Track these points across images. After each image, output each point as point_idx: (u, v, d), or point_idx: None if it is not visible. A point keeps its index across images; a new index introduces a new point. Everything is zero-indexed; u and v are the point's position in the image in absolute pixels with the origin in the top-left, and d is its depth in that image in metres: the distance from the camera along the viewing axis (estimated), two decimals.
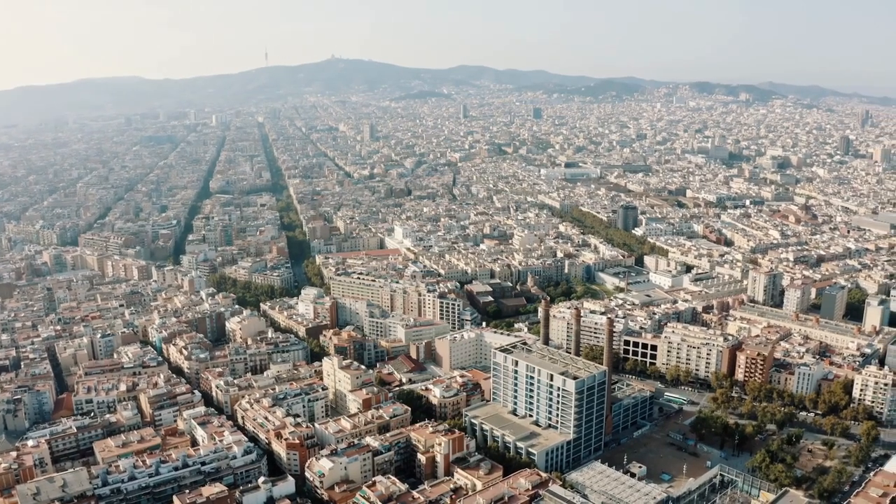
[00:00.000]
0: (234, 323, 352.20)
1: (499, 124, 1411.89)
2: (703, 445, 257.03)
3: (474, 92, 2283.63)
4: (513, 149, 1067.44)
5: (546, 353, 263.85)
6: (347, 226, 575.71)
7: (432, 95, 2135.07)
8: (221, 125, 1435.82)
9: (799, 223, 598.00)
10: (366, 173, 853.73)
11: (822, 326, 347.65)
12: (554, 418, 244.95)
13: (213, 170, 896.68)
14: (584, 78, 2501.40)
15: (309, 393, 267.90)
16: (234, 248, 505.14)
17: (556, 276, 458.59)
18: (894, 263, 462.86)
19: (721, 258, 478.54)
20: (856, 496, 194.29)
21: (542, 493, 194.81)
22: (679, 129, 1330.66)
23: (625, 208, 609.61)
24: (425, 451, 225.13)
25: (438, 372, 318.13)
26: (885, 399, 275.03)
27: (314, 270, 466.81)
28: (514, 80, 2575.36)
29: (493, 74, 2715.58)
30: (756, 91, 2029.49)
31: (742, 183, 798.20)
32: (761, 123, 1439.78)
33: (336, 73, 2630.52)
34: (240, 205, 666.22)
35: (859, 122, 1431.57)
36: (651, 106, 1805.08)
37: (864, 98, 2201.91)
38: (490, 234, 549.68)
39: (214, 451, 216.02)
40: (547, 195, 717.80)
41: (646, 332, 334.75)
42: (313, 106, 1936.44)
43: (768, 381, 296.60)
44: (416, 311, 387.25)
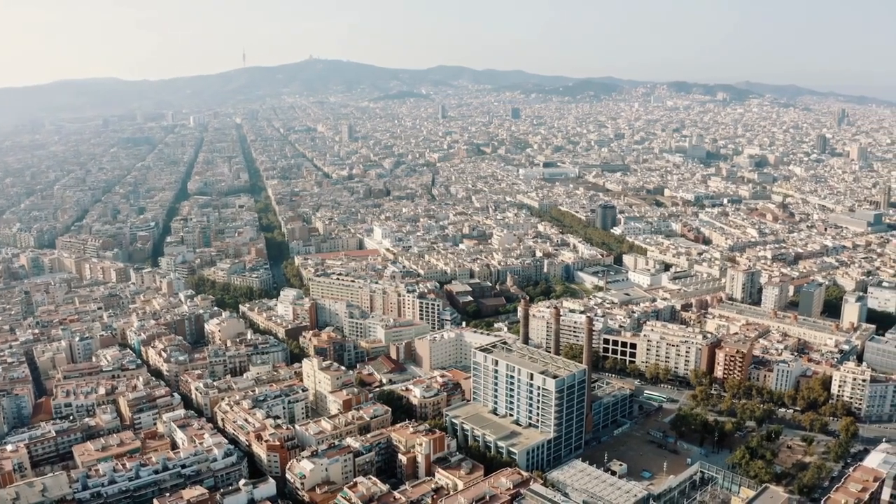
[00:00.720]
0: (213, 325, 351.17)
1: (477, 124, 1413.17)
2: (683, 443, 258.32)
3: (453, 92, 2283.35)
4: (491, 149, 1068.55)
5: (526, 353, 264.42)
6: (326, 227, 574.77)
7: (411, 96, 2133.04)
8: (199, 126, 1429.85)
9: (776, 221, 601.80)
10: (344, 174, 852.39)
11: (801, 323, 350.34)
12: (534, 417, 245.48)
13: (191, 171, 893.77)
14: (561, 78, 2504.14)
15: (289, 394, 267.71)
16: (213, 250, 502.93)
17: (536, 275, 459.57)
18: (871, 261, 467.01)
19: (699, 256, 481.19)
20: (835, 491, 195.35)
21: (524, 492, 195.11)
22: (657, 128, 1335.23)
23: (603, 207, 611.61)
24: (406, 452, 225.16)
25: (419, 372, 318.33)
26: (864, 395, 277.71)
27: (293, 271, 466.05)
28: (492, 80, 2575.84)
29: (471, 75, 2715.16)
30: (733, 90, 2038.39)
31: (720, 182, 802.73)
32: (738, 122, 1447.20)
33: (314, 74, 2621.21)
34: (218, 206, 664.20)
35: (836, 120, 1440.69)
36: (629, 106, 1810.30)
37: (840, 97, 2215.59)
38: (469, 234, 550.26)
39: (194, 454, 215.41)
40: (525, 195, 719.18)
41: (625, 331, 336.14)
42: (291, 107, 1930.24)
43: (747, 379, 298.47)
44: (396, 311, 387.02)
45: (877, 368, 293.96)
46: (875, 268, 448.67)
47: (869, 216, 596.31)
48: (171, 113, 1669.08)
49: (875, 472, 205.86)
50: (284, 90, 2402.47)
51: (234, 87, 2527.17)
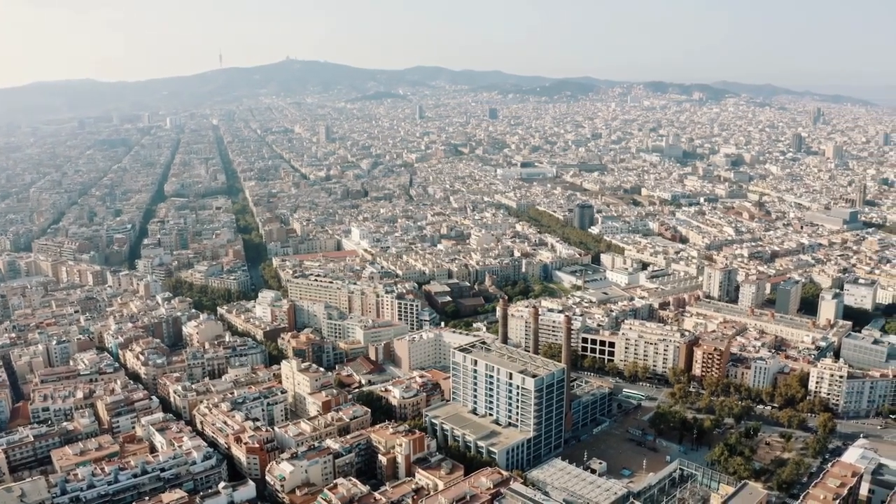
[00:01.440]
0: (190, 327, 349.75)
1: (455, 125, 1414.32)
2: (662, 440, 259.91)
3: (430, 93, 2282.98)
4: (469, 149, 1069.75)
5: (505, 352, 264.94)
6: (304, 228, 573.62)
7: (388, 96, 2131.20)
8: (176, 128, 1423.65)
9: (753, 220, 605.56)
10: (322, 175, 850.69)
11: (778, 321, 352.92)
12: (514, 416, 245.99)
13: (167, 173, 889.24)
14: (539, 78, 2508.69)
15: (268, 396, 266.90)
16: (190, 252, 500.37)
17: (514, 275, 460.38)
18: (847, 258, 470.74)
19: (676, 255, 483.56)
20: (814, 487, 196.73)
21: (504, 492, 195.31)
22: (634, 128, 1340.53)
23: (581, 207, 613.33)
24: (386, 453, 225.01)
25: (398, 373, 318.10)
26: (841, 391, 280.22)
27: (271, 273, 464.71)
28: (469, 80, 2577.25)
29: (448, 75, 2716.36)
30: (709, 90, 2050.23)
31: (696, 181, 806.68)
32: (715, 122, 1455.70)
33: (291, 75, 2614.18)
34: (195, 208, 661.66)
35: (811, 119, 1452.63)
36: (606, 105, 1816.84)
37: (815, 96, 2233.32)
38: (447, 235, 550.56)
39: (174, 458, 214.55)
40: (503, 195, 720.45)
41: (603, 330, 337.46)
42: (268, 108, 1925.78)
43: (725, 376, 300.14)
44: (375, 312, 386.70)
45: (853, 365, 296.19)
46: (851, 265, 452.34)
47: (845, 214, 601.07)
48: (148, 114, 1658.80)
49: (853, 468, 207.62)
50: (261, 91, 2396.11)
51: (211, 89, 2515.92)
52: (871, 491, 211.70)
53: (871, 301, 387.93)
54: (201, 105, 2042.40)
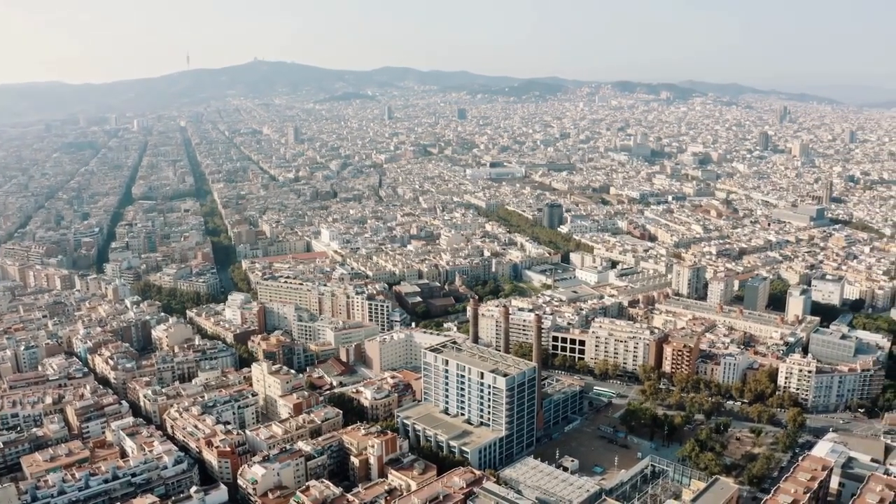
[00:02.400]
0: (160, 331, 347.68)
1: (423, 125, 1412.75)
2: (634, 437, 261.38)
3: (399, 93, 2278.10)
4: (438, 149, 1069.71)
5: (476, 352, 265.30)
6: (273, 229, 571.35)
7: (356, 97, 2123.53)
8: (143, 130, 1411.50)
9: (720, 217, 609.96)
10: (291, 176, 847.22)
11: (746, 317, 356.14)
12: (486, 416, 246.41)
13: (135, 175, 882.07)
14: (507, 78, 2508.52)
15: (239, 399, 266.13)
16: (159, 255, 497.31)
17: (484, 274, 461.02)
18: (814, 254, 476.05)
19: (645, 253, 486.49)
20: (785, 481, 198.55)
21: (477, 491, 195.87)
22: (602, 127, 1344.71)
23: (550, 206, 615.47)
24: (358, 454, 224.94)
25: (369, 374, 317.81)
26: (810, 386, 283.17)
27: (240, 275, 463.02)
28: (437, 81, 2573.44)
29: (416, 76, 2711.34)
30: (676, 89, 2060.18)
31: (664, 179, 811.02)
32: (682, 121, 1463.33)
33: (259, 76, 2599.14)
34: (163, 210, 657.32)
35: (777, 118, 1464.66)
36: (574, 105, 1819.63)
37: (782, 94, 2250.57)
38: (417, 235, 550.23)
39: (144, 462, 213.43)
40: (473, 195, 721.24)
41: (573, 328, 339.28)
42: (236, 109, 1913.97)
43: (695, 372, 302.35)
44: (345, 313, 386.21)
45: (822, 360, 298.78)
46: (818, 261, 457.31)
47: (811, 211, 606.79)
48: (115, 116, 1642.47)
49: (823, 462, 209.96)
50: (229, 92, 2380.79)
51: (179, 90, 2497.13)
52: (842, 484, 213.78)
53: (838, 297, 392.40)
54: (169, 107, 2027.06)
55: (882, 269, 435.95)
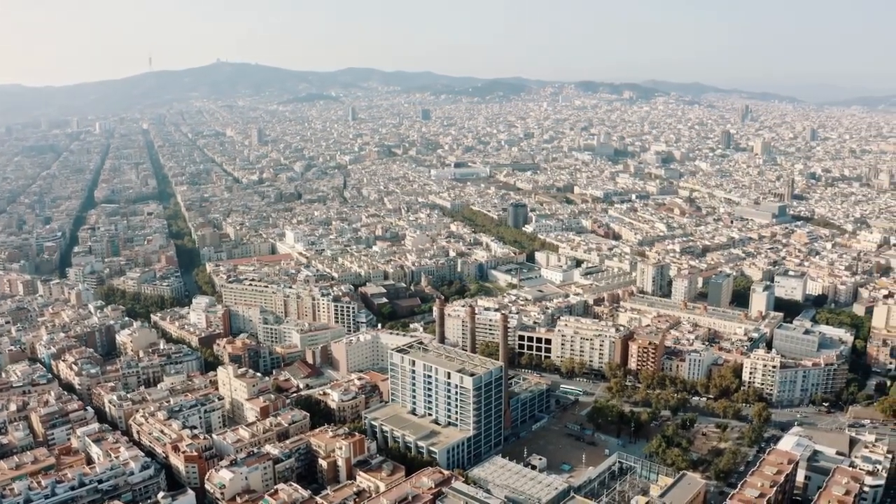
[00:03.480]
0: (124, 336, 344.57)
1: (388, 126, 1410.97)
2: (601, 434, 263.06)
3: (362, 94, 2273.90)
4: (402, 150, 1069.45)
5: (442, 352, 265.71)
6: (238, 232, 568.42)
7: (320, 98, 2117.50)
8: (105, 133, 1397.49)
9: (684, 215, 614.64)
10: (255, 178, 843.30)
11: (710, 314, 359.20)
12: (453, 416, 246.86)
13: (97, 179, 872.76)
14: (471, 79, 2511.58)
15: (205, 404, 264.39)
16: (122, 259, 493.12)
17: (450, 275, 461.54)
18: (777, 251, 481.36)
19: (610, 252, 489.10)
20: (752, 475, 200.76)
21: (446, 491, 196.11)
22: (565, 127, 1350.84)
23: (514, 206, 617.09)
24: (326, 456, 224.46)
25: (336, 376, 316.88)
26: (774, 381, 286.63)
27: (205, 278, 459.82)
28: (401, 81, 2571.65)
29: (380, 76, 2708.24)
30: (639, 89, 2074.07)
31: (628, 178, 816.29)
32: (645, 120, 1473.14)
33: (222, 77, 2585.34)
34: (126, 214, 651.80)
35: (739, 116, 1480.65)
36: (537, 105, 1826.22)
37: (743, 93, 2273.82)
38: (382, 236, 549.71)
39: (111, 469, 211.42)
40: (437, 195, 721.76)
41: (539, 327, 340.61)
42: (199, 111, 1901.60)
43: (660, 369, 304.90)
44: (311, 315, 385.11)
45: (786, 355, 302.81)
46: (781, 258, 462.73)
47: (773, 208, 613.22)
48: (77, 119, 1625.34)
49: (789, 455, 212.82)
50: (192, 94, 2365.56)
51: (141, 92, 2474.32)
52: (808, 477, 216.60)
53: (801, 292, 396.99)
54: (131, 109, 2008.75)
55: (844, 265, 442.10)
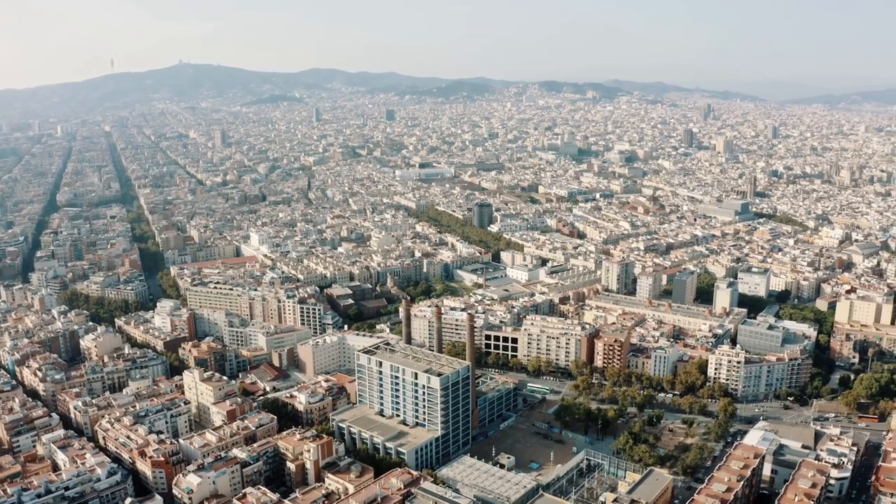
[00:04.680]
0: (88, 341, 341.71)
1: (352, 127, 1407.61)
2: (568, 432, 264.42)
3: (326, 95, 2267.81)
4: (367, 151, 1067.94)
5: (409, 352, 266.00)
6: (202, 235, 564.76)
7: (284, 99, 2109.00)
8: (67, 136, 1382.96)
9: (647, 214, 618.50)
10: (218, 180, 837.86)
11: (675, 311, 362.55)
12: (421, 416, 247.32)
13: (59, 182, 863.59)
14: (435, 79, 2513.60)
15: (171, 408, 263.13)
16: (85, 263, 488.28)
17: (416, 275, 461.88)
18: (740, 248, 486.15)
19: (575, 250, 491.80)
20: (718, 470, 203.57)
21: (414, 491, 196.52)
22: (529, 127, 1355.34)
23: (480, 206, 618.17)
24: (294, 459, 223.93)
25: (302, 378, 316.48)
26: (739, 376, 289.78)
27: (169, 282, 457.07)
28: (365, 82, 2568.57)
29: (344, 77, 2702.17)
30: (602, 88, 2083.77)
31: (592, 177, 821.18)
32: (608, 119, 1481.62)
33: (185, 79, 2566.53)
34: (89, 218, 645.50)
35: (702, 115, 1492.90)
36: (502, 105, 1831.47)
37: (705, 92, 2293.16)
38: (347, 237, 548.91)
39: (77, 475, 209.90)
40: (402, 196, 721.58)
41: (506, 326, 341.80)
42: (162, 113, 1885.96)
43: (626, 366, 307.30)
44: (277, 317, 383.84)
45: (750, 350, 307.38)
46: (744, 254, 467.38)
47: (736, 205, 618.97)
48: (38, 122, 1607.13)
49: (755, 450, 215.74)
50: (154, 96, 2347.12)
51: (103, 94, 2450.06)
52: (774, 471, 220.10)
53: (764, 288, 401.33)
54: (93, 112, 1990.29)
55: (806, 261, 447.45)
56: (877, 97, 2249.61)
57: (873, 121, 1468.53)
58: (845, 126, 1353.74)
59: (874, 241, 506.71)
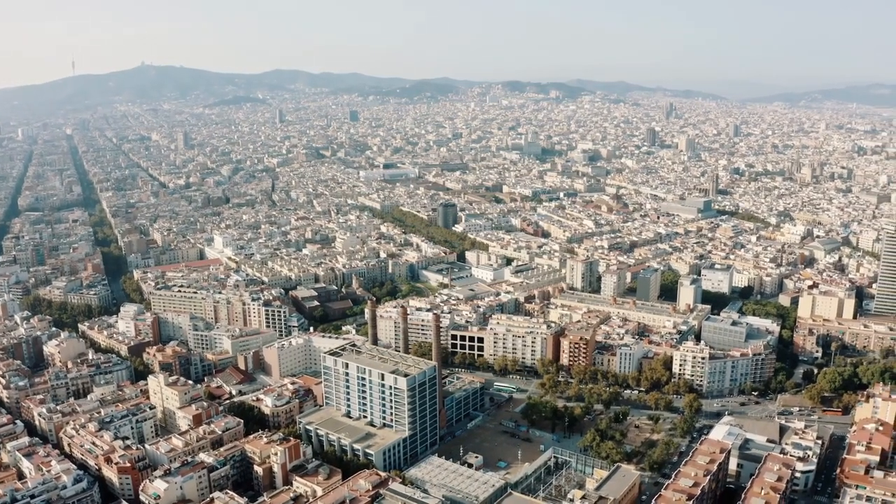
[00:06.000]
0: (52, 346, 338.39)
1: (316, 128, 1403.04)
2: (535, 430, 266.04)
3: (290, 96, 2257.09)
4: (331, 152, 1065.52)
5: (376, 353, 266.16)
6: (165, 238, 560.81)
7: (247, 101, 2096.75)
8: (28, 139, 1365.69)
9: (611, 212, 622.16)
10: (181, 183, 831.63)
11: (639, 308, 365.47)
12: (388, 417, 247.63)
13: (20, 186, 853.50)
14: (398, 80, 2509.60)
15: (136, 413, 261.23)
16: (48, 268, 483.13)
17: (381, 276, 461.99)
18: (703, 245, 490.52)
19: (539, 249, 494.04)
20: (685, 465, 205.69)
21: (383, 493, 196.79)
22: (493, 127, 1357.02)
23: (444, 206, 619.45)
24: (262, 463, 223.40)
25: (269, 381, 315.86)
26: (704, 372, 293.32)
27: (133, 286, 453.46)
28: (329, 83, 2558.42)
29: (308, 78, 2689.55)
30: (565, 88, 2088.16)
31: (555, 176, 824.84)
32: (571, 119, 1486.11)
33: (147, 81, 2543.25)
34: (51, 222, 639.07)
35: (664, 114, 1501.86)
36: (465, 105, 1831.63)
37: (667, 91, 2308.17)
38: (312, 239, 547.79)
39: (43, 483, 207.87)
40: (367, 197, 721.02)
41: (472, 326, 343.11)
42: (124, 115, 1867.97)
43: (592, 364, 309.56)
44: (242, 320, 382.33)
45: (714, 346, 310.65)
46: (707, 251, 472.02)
47: (699, 203, 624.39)
48: None
49: (721, 444, 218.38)
50: (116, 98, 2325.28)
51: (64, 97, 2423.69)
52: (740, 465, 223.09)
53: (727, 285, 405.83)
54: (54, 114, 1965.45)
55: (769, 257, 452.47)
56: (837, 95, 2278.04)
57: (833, 118, 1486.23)
58: (806, 124, 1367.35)
59: (835, 237, 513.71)
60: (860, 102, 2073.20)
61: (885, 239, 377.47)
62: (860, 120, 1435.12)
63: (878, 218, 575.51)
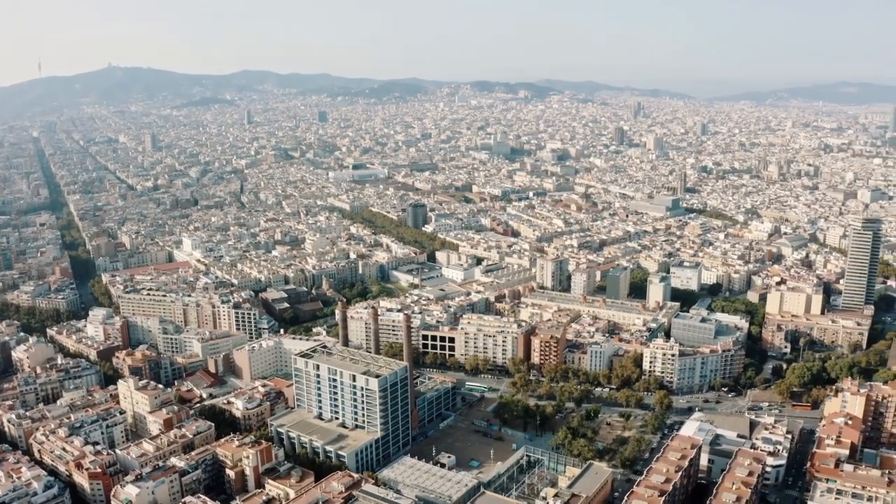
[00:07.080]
0: (20, 352, 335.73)
1: (284, 129, 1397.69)
2: (508, 429, 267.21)
3: (258, 97, 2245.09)
4: (300, 153, 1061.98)
5: (347, 355, 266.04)
6: (133, 241, 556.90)
7: (215, 102, 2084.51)
8: None
9: (580, 211, 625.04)
10: (149, 185, 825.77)
11: (609, 306, 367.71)
12: (360, 418, 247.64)
13: None
14: (367, 80, 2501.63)
15: (106, 418, 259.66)
16: (15, 272, 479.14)
17: (351, 277, 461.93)
18: (671, 243, 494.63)
19: (509, 249, 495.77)
20: (657, 461, 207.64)
21: (356, 494, 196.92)
22: (462, 126, 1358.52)
23: (414, 206, 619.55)
24: (234, 466, 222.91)
25: (239, 384, 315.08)
26: (674, 369, 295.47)
27: (101, 290, 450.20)
28: (297, 83, 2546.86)
29: (276, 79, 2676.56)
30: (534, 88, 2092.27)
31: (525, 176, 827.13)
32: (540, 119, 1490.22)
33: (114, 82, 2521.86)
34: (17, 225, 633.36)
35: (632, 113, 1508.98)
36: (434, 105, 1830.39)
37: (635, 91, 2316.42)
38: (281, 240, 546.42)
39: (13, 490, 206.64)
40: (336, 197, 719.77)
41: (443, 326, 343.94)
42: (91, 117, 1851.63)
43: (563, 362, 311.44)
44: (212, 323, 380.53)
45: (684, 343, 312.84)
46: (675, 249, 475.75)
47: (667, 201, 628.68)
48: None
49: (692, 440, 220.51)
50: (83, 100, 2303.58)
51: (30, 99, 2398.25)
52: (711, 461, 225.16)
53: (696, 282, 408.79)
54: (20, 117, 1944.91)
55: (737, 254, 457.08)
56: (803, 93, 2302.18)
57: (800, 116, 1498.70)
58: (773, 122, 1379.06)
59: (803, 234, 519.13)
60: (826, 100, 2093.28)
61: (851, 235, 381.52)
62: (826, 118, 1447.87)
63: (844, 214, 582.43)
